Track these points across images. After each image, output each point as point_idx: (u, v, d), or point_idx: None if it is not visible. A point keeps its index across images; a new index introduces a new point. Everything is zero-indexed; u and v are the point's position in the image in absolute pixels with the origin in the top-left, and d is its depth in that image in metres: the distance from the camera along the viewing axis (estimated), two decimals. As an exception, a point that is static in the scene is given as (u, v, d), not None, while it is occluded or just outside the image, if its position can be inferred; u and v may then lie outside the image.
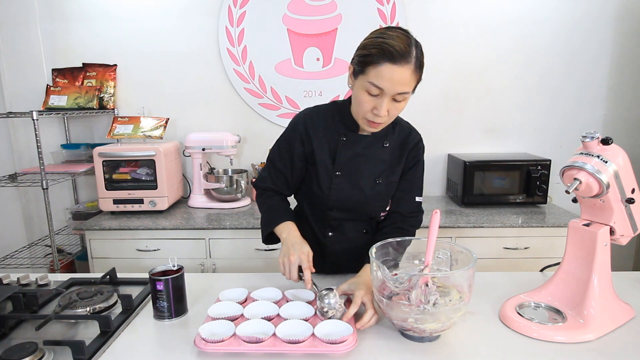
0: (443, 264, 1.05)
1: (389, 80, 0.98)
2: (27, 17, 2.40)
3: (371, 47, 1.00)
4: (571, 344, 0.93)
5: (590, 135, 0.95)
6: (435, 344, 0.93)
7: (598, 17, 2.40)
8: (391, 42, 0.97)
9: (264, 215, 1.27)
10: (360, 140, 1.18)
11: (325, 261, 1.30)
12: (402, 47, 0.97)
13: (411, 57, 0.98)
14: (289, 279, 1.09)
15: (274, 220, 1.21)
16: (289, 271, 1.08)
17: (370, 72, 0.99)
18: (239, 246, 2.11)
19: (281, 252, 1.13)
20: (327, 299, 1.00)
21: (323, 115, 1.21)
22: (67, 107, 2.34)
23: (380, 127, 1.11)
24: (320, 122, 1.20)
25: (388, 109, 1.03)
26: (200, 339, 0.90)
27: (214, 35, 2.44)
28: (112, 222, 2.12)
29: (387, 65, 0.97)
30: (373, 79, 0.99)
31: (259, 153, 2.57)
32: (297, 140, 1.21)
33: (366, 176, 1.20)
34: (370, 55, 0.99)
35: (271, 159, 1.28)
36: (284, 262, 1.09)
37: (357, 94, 1.06)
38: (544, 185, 2.24)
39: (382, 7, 2.39)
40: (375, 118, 1.05)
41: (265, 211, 1.27)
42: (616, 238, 1.02)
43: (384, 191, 1.22)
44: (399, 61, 0.96)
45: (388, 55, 0.96)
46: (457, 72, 2.46)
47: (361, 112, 1.07)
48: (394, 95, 1.01)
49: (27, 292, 1.10)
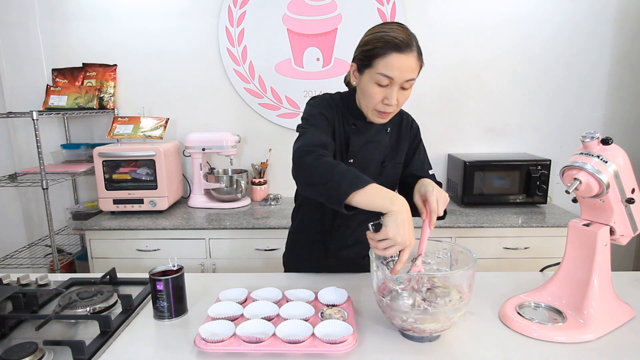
0: (443, 264, 1.05)
1: (398, 69, 1.02)
2: (27, 17, 2.40)
3: (375, 42, 1.04)
4: (571, 344, 0.93)
5: (590, 135, 0.95)
6: (435, 344, 0.93)
7: (598, 17, 2.40)
8: (393, 34, 1.03)
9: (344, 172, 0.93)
10: (369, 128, 1.22)
11: (328, 256, 1.32)
12: (404, 37, 1.03)
13: (413, 45, 1.04)
14: (389, 269, 0.91)
15: (364, 178, 0.92)
16: (397, 260, 0.88)
17: (378, 64, 1.03)
18: (239, 246, 2.11)
19: (393, 226, 0.86)
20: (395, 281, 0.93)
21: (335, 103, 1.23)
22: (67, 107, 2.34)
23: (389, 117, 1.14)
24: (336, 109, 1.21)
25: (397, 97, 1.07)
26: (200, 339, 0.90)
27: (214, 35, 2.45)
28: (112, 222, 2.12)
29: (395, 55, 1.02)
30: (382, 70, 1.03)
31: (259, 153, 2.57)
32: (331, 116, 1.17)
33: (375, 161, 1.24)
34: (376, 49, 1.03)
35: (314, 118, 1.14)
36: (397, 242, 0.86)
37: (365, 88, 1.09)
38: (544, 185, 2.24)
39: (382, 7, 2.39)
40: (386, 108, 1.09)
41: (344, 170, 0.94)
42: (616, 238, 1.02)
43: (391, 172, 1.27)
44: (404, 50, 1.02)
45: (394, 46, 1.01)
46: (457, 72, 2.46)
47: (371, 104, 1.10)
48: (402, 83, 1.05)
49: (27, 292, 1.10)
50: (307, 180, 1.00)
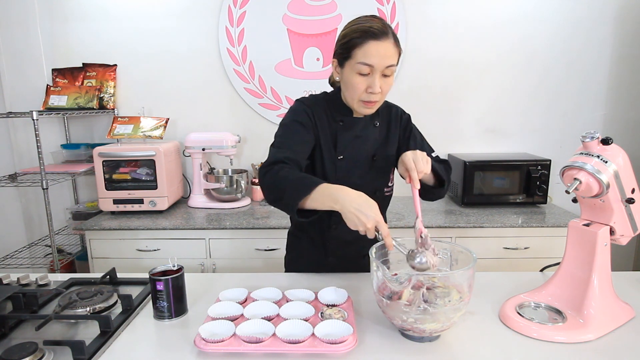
0: (443, 264, 1.05)
1: (377, 56, 1.06)
2: (27, 17, 2.40)
3: (352, 33, 1.09)
4: (571, 344, 0.93)
5: (590, 135, 0.95)
6: (435, 344, 0.93)
7: (598, 17, 2.40)
8: (368, 24, 1.07)
9: (293, 182, 1.01)
10: (356, 123, 1.23)
11: (328, 255, 1.32)
12: (379, 26, 1.07)
13: (389, 32, 1.08)
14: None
15: (310, 183, 0.99)
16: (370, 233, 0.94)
17: (357, 54, 1.07)
18: (239, 246, 2.11)
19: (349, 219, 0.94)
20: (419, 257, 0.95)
21: (320, 103, 1.24)
22: (67, 107, 2.34)
23: (375, 106, 1.15)
24: (321, 109, 1.23)
25: (380, 84, 1.09)
26: (200, 339, 0.90)
27: (214, 35, 2.44)
28: (112, 222, 2.12)
29: (372, 43, 1.06)
30: (362, 59, 1.07)
31: (259, 153, 2.57)
32: (308, 121, 1.19)
33: (365, 156, 1.25)
34: (353, 40, 1.08)
35: (282, 136, 1.17)
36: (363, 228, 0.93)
37: (348, 79, 1.12)
38: (544, 185, 2.24)
39: (382, 7, 2.39)
40: (371, 97, 1.11)
41: (294, 179, 1.02)
42: (616, 238, 1.02)
43: (383, 165, 1.28)
44: (381, 37, 1.06)
45: (370, 34, 1.06)
46: (458, 72, 2.46)
47: (356, 94, 1.12)
48: (383, 70, 1.08)
49: (27, 292, 1.10)
50: (270, 198, 1.06)
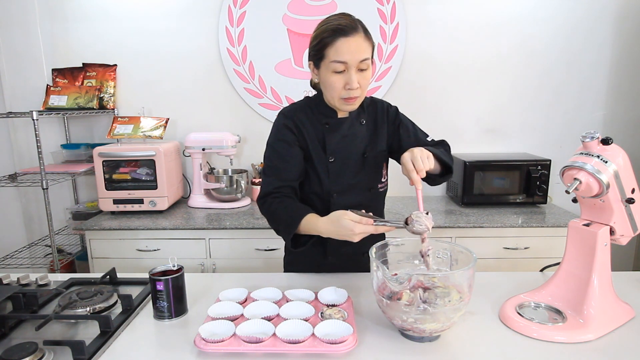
0: (443, 264, 1.05)
1: (348, 52, 1.07)
2: (27, 17, 2.40)
3: (322, 33, 1.10)
4: (571, 344, 0.93)
5: (590, 135, 0.95)
6: (435, 344, 0.93)
7: (598, 17, 2.40)
8: (337, 22, 1.09)
9: (283, 218, 1.16)
10: (342, 123, 1.24)
11: (327, 254, 1.31)
12: (347, 22, 1.09)
13: (358, 27, 1.09)
14: None
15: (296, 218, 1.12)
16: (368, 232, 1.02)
17: (329, 53, 1.09)
18: (238, 246, 2.11)
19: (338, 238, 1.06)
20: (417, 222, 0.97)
21: (302, 109, 1.26)
22: (67, 107, 2.34)
23: (357, 101, 1.16)
24: (303, 116, 1.24)
25: (358, 79, 1.10)
26: (200, 339, 0.90)
27: (214, 35, 2.44)
28: (112, 222, 2.12)
29: (342, 40, 1.07)
30: (334, 57, 1.08)
31: (259, 153, 2.55)
32: (291, 136, 1.23)
33: (355, 154, 1.25)
34: (324, 39, 1.09)
35: (269, 159, 1.25)
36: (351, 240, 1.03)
37: (325, 79, 1.14)
38: (544, 185, 2.24)
39: (382, 7, 2.39)
40: (350, 93, 1.12)
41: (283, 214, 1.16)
42: (616, 238, 1.02)
43: (374, 162, 1.28)
44: (350, 33, 1.07)
45: (339, 32, 1.07)
46: (458, 72, 2.46)
47: (335, 93, 1.13)
48: (358, 65, 1.09)
49: (27, 292, 1.10)
50: (271, 226, 1.22)
